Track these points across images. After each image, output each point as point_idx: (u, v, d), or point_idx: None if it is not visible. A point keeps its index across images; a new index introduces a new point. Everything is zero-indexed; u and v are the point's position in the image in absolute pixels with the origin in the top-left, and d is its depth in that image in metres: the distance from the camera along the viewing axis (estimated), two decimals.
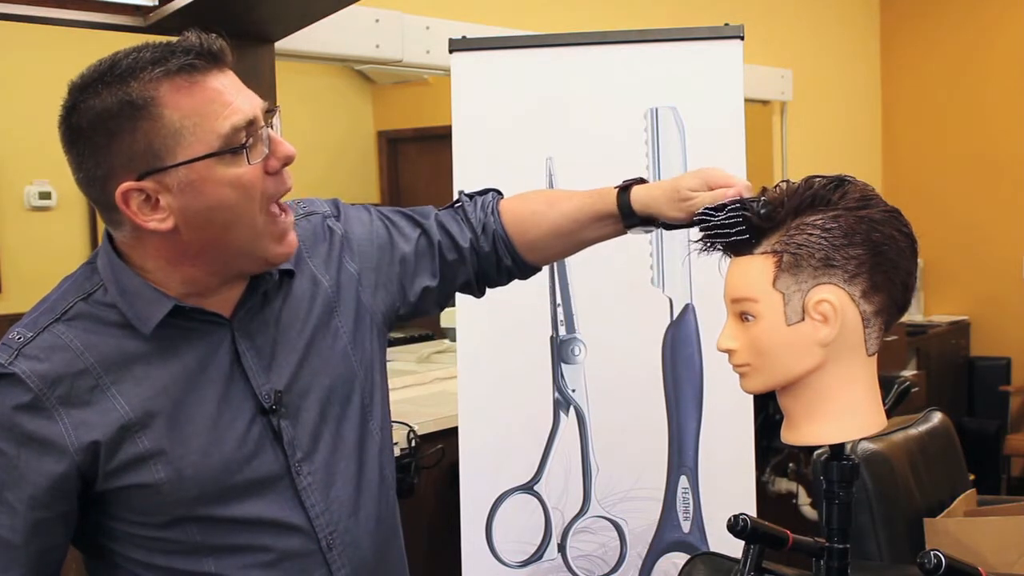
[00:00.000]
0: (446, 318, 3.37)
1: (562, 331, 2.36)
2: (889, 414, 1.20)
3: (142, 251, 1.17)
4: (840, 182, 1.14)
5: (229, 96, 1.12)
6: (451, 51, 2.41)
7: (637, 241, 2.30)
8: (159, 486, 1.15)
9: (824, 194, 1.13)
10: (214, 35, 1.16)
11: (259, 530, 1.20)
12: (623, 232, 1.38)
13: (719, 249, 1.19)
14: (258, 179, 1.13)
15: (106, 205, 1.14)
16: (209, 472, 1.17)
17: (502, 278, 1.46)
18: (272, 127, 1.15)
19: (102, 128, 1.10)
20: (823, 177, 1.15)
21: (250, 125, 1.12)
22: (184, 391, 1.16)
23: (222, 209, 1.12)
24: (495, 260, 1.42)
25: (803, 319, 1.12)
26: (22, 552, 1.14)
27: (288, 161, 1.15)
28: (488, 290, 1.48)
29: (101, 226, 1.23)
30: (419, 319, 1.60)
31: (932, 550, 1.09)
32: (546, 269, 2.36)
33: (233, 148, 1.10)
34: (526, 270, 1.45)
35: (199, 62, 1.11)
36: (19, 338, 1.16)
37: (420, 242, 1.39)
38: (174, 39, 1.15)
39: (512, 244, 1.42)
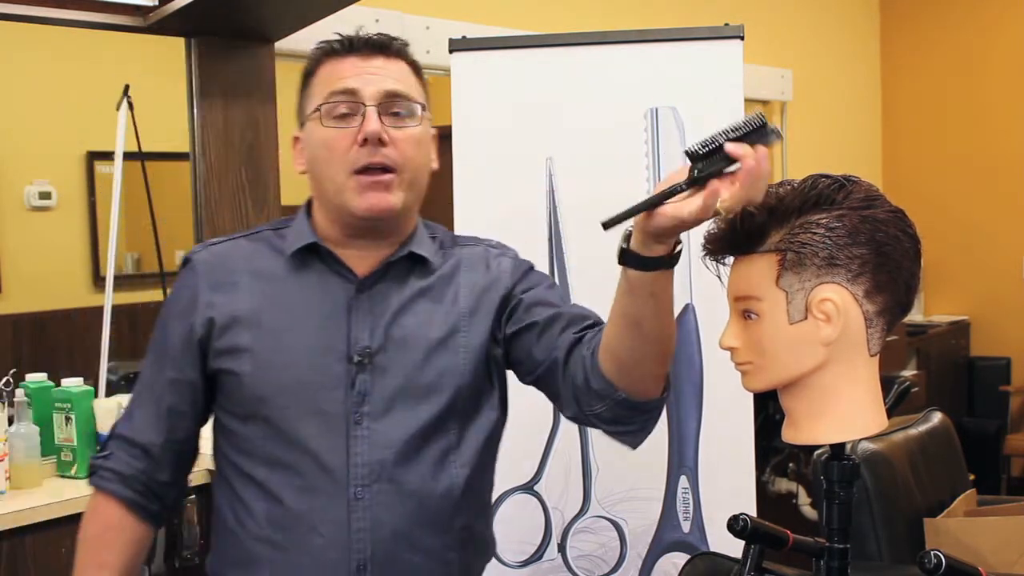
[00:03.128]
0: None
1: None
2: (889, 414, 1.20)
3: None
4: (845, 181, 1.14)
5: (347, 72, 1.36)
6: (451, 51, 2.41)
7: None
8: (242, 376, 1.36)
9: (829, 193, 1.13)
10: (379, 33, 1.43)
11: (303, 454, 1.34)
12: (654, 273, 1.19)
13: (722, 254, 1.19)
14: (338, 143, 1.35)
15: None
16: (282, 381, 1.35)
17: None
18: (400, 113, 1.36)
19: (299, 91, 1.43)
20: (828, 176, 1.15)
21: (347, 94, 1.35)
22: (294, 313, 1.38)
23: (315, 161, 1.38)
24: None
25: (806, 318, 1.12)
26: (157, 398, 1.42)
27: (369, 137, 1.33)
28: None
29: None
30: None
31: (932, 550, 1.09)
32: (545, 268, 2.37)
33: (317, 107, 1.36)
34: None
35: (340, 47, 1.39)
36: (215, 240, 1.48)
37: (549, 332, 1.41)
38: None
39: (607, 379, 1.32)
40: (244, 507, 1.38)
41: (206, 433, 1.50)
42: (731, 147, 1.06)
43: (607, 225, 1.13)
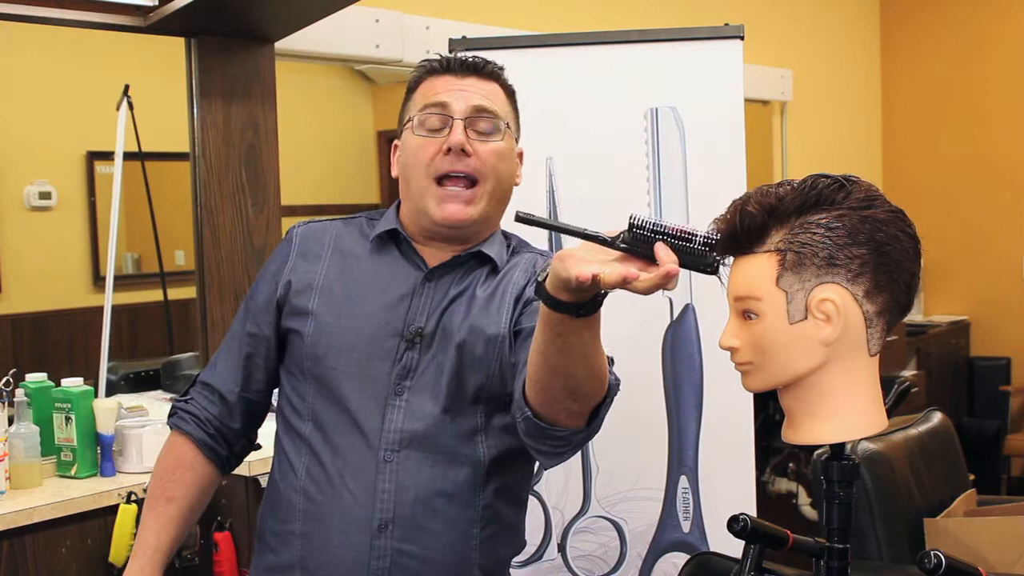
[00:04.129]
0: None
1: None
2: (889, 414, 1.20)
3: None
4: (845, 182, 1.14)
5: (441, 88, 1.51)
6: (451, 51, 2.40)
7: None
8: (304, 336, 1.50)
9: (828, 193, 1.13)
10: (475, 56, 1.56)
11: (343, 413, 1.47)
12: (559, 314, 1.16)
13: (722, 254, 1.18)
14: (426, 150, 1.48)
15: None
16: (336, 344, 1.48)
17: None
18: (486, 129, 1.50)
19: (402, 105, 1.58)
20: (828, 176, 1.15)
21: (438, 107, 1.49)
22: (363, 289, 1.52)
23: (405, 166, 1.52)
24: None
25: (806, 318, 1.12)
26: (239, 348, 1.58)
27: (453, 147, 1.46)
28: None
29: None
30: None
31: (932, 550, 1.09)
32: None
33: (412, 117, 1.51)
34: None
35: (439, 66, 1.54)
36: (314, 220, 1.63)
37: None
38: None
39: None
40: (288, 461, 1.51)
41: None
42: (660, 252, 1.07)
43: (520, 217, 1.17)
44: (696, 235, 1.09)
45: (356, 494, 1.44)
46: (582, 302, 1.13)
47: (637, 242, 1.08)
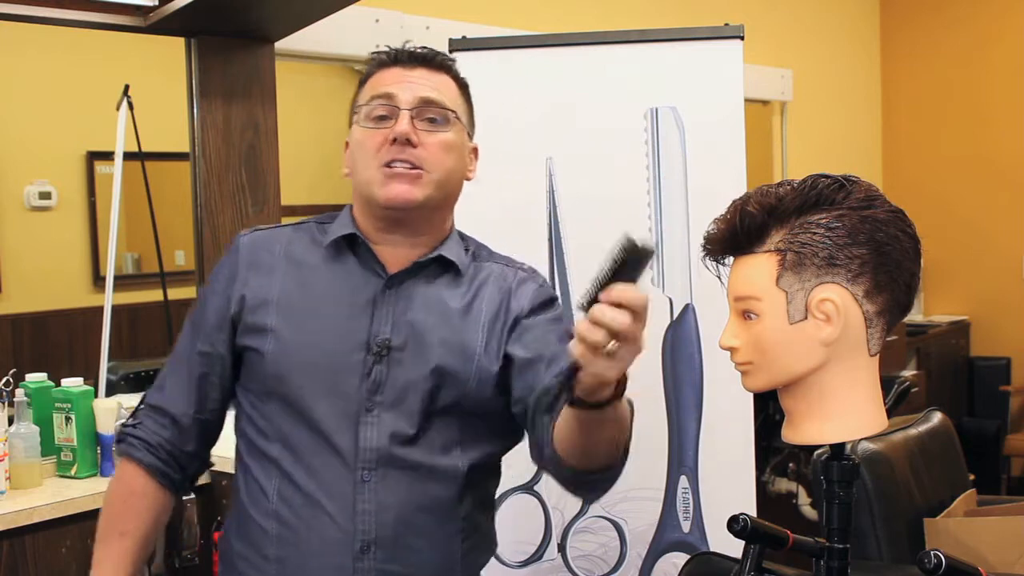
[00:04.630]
0: None
1: None
2: (889, 414, 1.20)
3: None
4: (845, 182, 1.14)
5: (389, 80, 1.46)
6: (451, 51, 2.40)
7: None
8: (264, 355, 1.43)
9: (828, 193, 1.13)
10: (424, 47, 1.51)
11: (315, 433, 1.41)
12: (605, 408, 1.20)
13: (722, 254, 1.19)
14: (372, 141, 1.43)
15: None
16: (300, 361, 1.42)
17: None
18: (434, 119, 1.44)
19: (352, 99, 1.52)
20: (828, 176, 1.15)
21: (385, 98, 1.44)
22: (322, 300, 1.45)
23: (352, 159, 1.47)
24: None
25: (806, 318, 1.12)
26: (189, 369, 1.50)
27: (398, 136, 1.42)
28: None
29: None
30: None
31: (932, 550, 1.09)
32: (545, 268, 2.37)
33: (357, 109, 1.47)
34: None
35: (388, 58, 1.49)
36: (262, 227, 1.56)
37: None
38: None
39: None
40: (257, 484, 1.44)
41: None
42: (578, 329, 1.08)
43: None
44: (611, 262, 1.06)
45: (334, 516, 1.39)
46: (617, 391, 1.17)
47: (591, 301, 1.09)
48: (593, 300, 1.07)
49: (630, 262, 1.06)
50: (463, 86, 1.53)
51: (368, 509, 1.38)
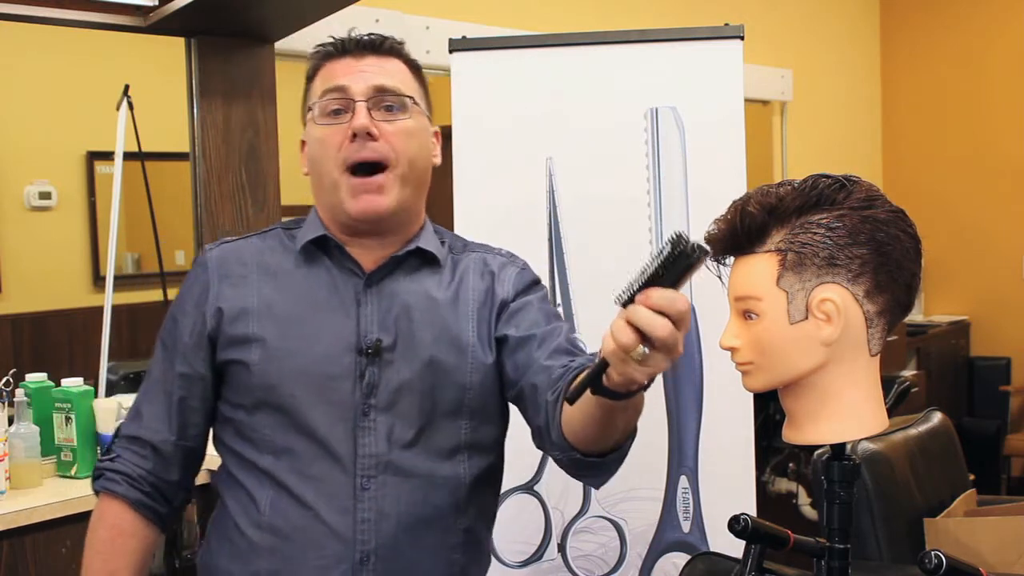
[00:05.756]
0: None
1: None
2: (889, 414, 1.20)
3: None
4: (845, 182, 1.14)
5: (339, 72, 1.40)
6: (451, 51, 2.41)
7: (638, 240, 2.30)
8: (251, 366, 1.37)
9: (829, 193, 1.13)
10: (371, 33, 1.45)
11: (312, 441, 1.36)
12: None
13: (723, 254, 1.18)
14: (331, 139, 1.38)
15: None
16: (291, 369, 1.36)
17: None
18: (392, 107, 1.39)
19: (303, 96, 1.47)
20: (828, 176, 1.14)
21: (337, 91, 1.38)
22: (304, 306, 1.40)
23: (313, 161, 1.42)
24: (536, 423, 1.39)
25: (806, 318, 1.12)
26: (167, 393, 1.43)
27: (357, 130, 1.36)
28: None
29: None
30: None
31: (932, 550, 1.09)
32: (545, 268, 2.37)
33: (310, 107, 1.42)
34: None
35: (335, 49, 1.43)
36: (228, 239, 1.50)
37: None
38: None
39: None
40: (248, 496, 1.38)
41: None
42: (612, 327, 1.03)
43: (571, 399, 1.13)
44: (657, 258, 1.00)
45: (334, 526, 1.34)
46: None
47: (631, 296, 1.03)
48: (631, 299, 1.01)
49: (678, 264, 0.98)
50: (415, 69, 1.47)
51: (368, 518, 1.34)
